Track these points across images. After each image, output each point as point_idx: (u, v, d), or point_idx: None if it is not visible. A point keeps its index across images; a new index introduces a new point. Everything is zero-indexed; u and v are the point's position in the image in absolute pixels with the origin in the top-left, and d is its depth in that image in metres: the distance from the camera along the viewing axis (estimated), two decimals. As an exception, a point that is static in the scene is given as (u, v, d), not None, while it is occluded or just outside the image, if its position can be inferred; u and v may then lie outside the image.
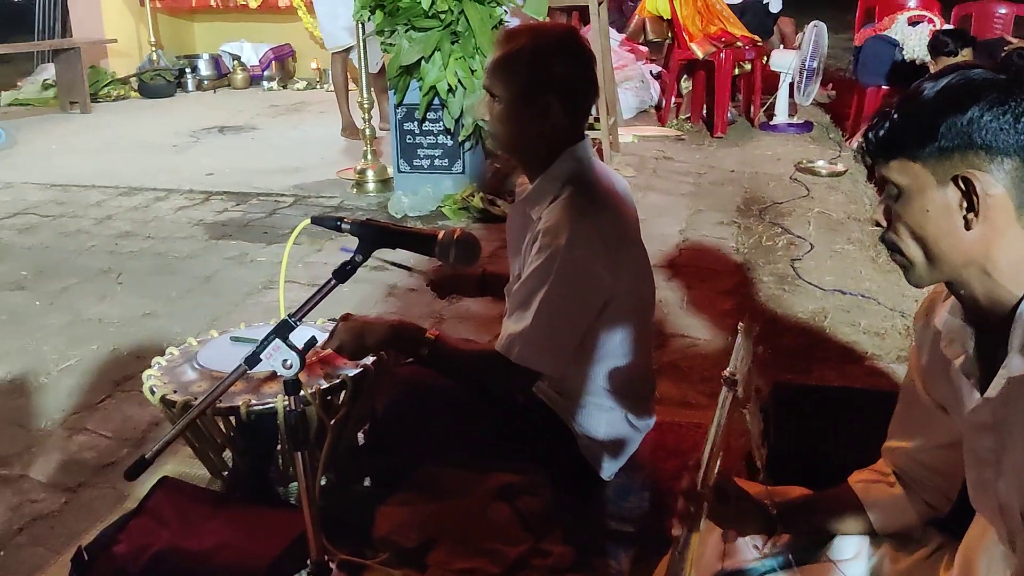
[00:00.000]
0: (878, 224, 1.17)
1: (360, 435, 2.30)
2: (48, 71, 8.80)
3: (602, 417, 2.03)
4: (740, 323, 1.27)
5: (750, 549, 1.45)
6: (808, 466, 1.83)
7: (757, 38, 6.86)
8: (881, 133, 1.12)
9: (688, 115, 7.18)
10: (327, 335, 1.94)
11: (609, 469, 2.10)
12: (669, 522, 1.28)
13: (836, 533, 1.44)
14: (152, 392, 2.06)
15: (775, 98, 6.88)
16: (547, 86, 1.85)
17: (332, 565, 1.70)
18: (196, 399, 1.96)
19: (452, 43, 4.52)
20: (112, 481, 2.36)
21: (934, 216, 1.09)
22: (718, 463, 1.26)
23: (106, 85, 8.98)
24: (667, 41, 7.43)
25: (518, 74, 1.85)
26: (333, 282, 1.63)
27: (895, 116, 1.11)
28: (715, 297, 3.55)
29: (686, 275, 3.80)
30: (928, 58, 5.18)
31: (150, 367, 2.19)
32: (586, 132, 1.99)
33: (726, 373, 1.24)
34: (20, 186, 5.57)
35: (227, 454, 2.21)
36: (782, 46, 7.40)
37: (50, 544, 2.11)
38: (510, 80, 1.86)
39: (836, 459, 1.59)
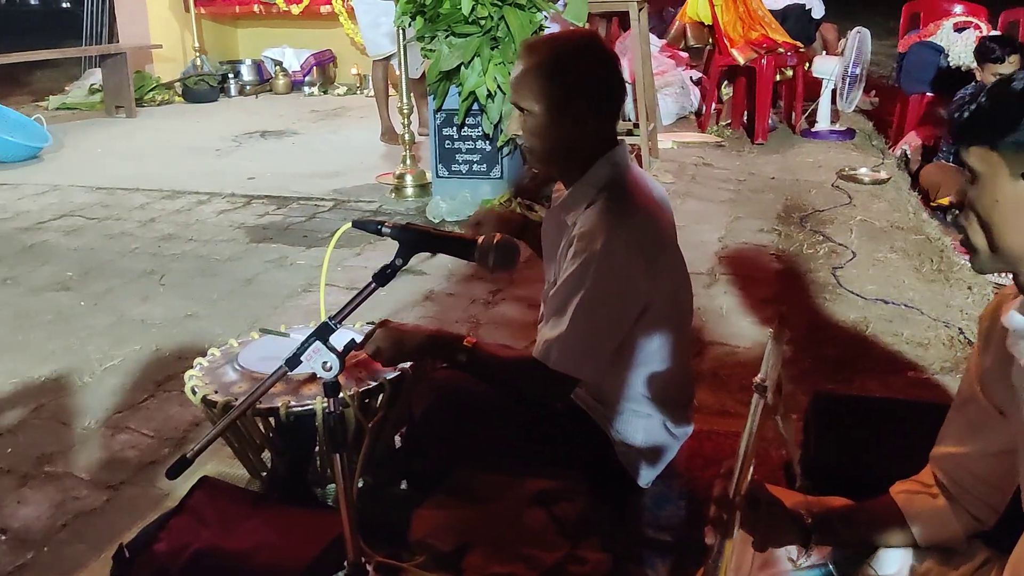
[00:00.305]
0: (952, 205, 1.17)
1: (397, 438, 2.31)
2: (95, 76, 8.97)
3: (640, 424, 2.02)
4: (770, 329, 1.26)
5: (786, 559, 1.44)
6: (849, 477, 1.81)
7: (799, 44, 6.80)
8: (967, 116, 1.11)
9: (728, 121, 7.13)
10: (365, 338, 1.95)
11: (646, 477, 2.08)
12: (704, 531, 1.26)
13: (876, 545, 1.41)
14: (194, 392, 2.09)
15: (817, 105, 6.81)
16: (574, 92, 1.85)
17: (369, 567, 1.71)
18: (236, 400, 1.98)
19: (492, 48, 4.54)
20: (153, 479, 2.40)
21: (1003, 207, 1.08)
22: (751, 471, 1.25)
23: (151, 90, 9.13)
24: (708, 47, 7.39)
25: (544, 85, 1.85)
26: (373, 286, 1.64)
27: (983, 101, 1.10)
28: (755, 305, 3.51)
29: (725, 283, 3.77)
30: (974, 65, 5.09)
31: (192, 368, 2.22)
32: (622, 137, 1.98)
33: (757, 379, 1.23)
34: (67, 188, 5.68)
35: (266, 455, 2.23)
36: (824, 52, 7.32)
37: (92, 541, 2.15)
38: (537, 92, 1.86)
39: (877, 471, 1.56)
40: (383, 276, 1.63)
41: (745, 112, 6.98)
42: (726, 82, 7.17)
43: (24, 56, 7.90)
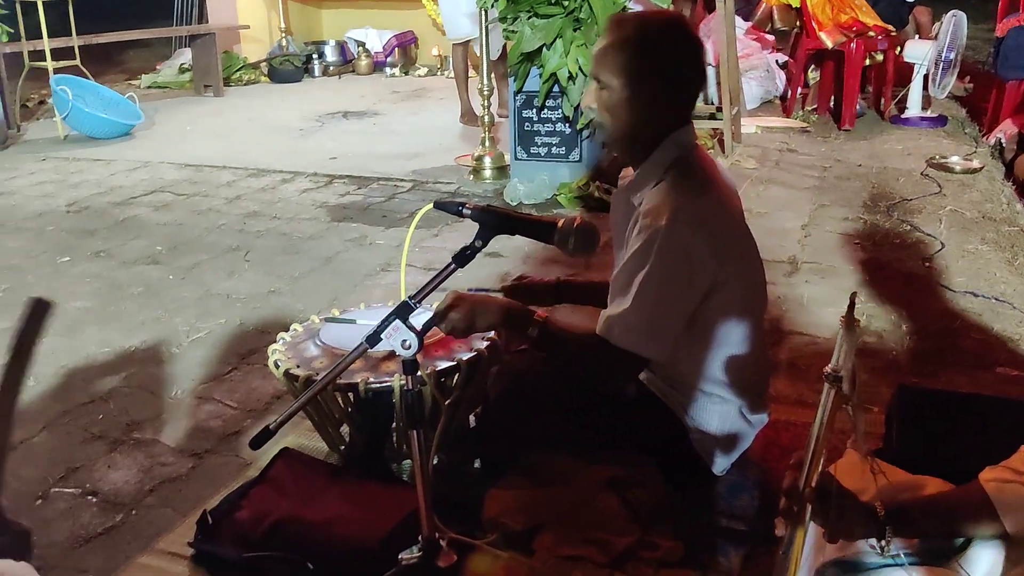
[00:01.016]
0: None
1: (471, 418, 2.33)
2: (185, 56, 9.21)
3: (715, 410, 2.00)
4: (841, 317, 1.23)
5: (866, 544, 1.40)
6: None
7: (891, 27, 6.59)
8: None
9: (815, 106, 6.96)
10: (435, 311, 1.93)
11: (721, 464, 2.07)
12: (775, 522, 1.25)
13: (960, 536, 1.37)
14: (277, 366, 2.14)
15: (908, 90, 6.60)
16: (655, 73, 1.83)
17: (442, 543, 1.74)
18: (317, 374, 2.03)
19: (574, 30, 4.51)
20: (236, 449, 2.47)
21: None
22: (821, 462, 1.23)
23: (238, 69, 9.34)
24: (795, 30, 7.23)
25: (625, 61, 1.83)
26: (453, 266, 1.66)
27: None
28: (837, 295, 3.44)
29: (807, 271, 3.70)
30: (1078, 50, 4.88)
31: (275, 342, 2.28)
32: (690, 119, 1.96)
33: (828, 369, 1.21)
34: (157, 165, 5.86)
35: (345, 429, 2.28)
36: (917, 36, 7.08)
37: (177, 506, 2.23)
38: (617, 68, 1.84)
39: (961, 467, 1.51)
40: (462, 257, 1.65)
41: (832, 97, 6.80)
42: (813, 66, 7.00)
43: (117, 36, 8.16)
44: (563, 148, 4.90)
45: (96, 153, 6.23)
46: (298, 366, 2.12)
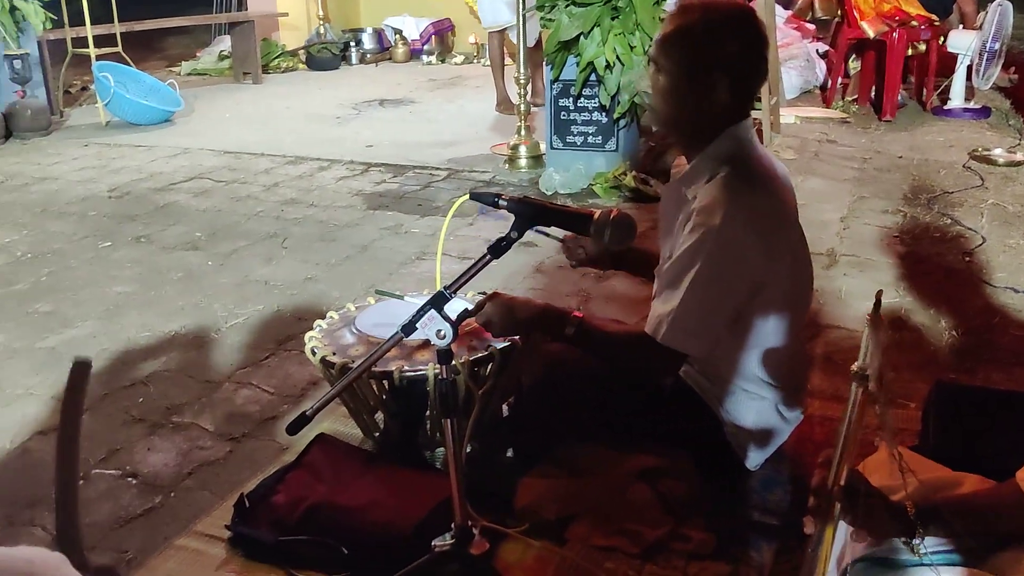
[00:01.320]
0: None
1: (504, 407, 2.34)
2: (224, 43, 9.30)
3: (751, 405, 1.99)
4: (867, 315, 1.22)
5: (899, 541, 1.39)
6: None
7: (934, 17, 6.47)
8: None
9: (855, 97, 6.87)
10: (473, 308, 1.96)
11: (755, 459, 2.06)
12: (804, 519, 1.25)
13: (995, 536, 1.35)
14: (313, 353, 2.17)
15: (951, 81, 6.49)
16: (716, 64, 1.81)
17: (475, 531, 1.75)
18: (353, 362, 2.05)
19: (612, 19, 4.49)
20: (273, 434, 2.50)
21: None
22: (850, 460, 1.22)
23: (276, 57, 9.41)
24: (836, 19, 7.12)
25: (688, 49, 1.81)
26: (488, 257, 1.67)
27: None
28: (875, 289, 3.38)
29: (845, 264, 3.66)
30: None
31: (311, 329, 2.31)
32: (749, 113, 1.94)
33: (855, 367, 1.20)
34: (196, 151, 5.93)
35: (379, 416, 2.30)
36: (961, 26, 6.94)
37: (215, 489, 2.26)
38: (679, 54, 1.82)
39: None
40: (498, 248, 1.66)
41: (873, 87, 6.71)
42: (854, 56, 6.90)
43: (158, 23, 8.26)
44: (599, 137, 4.89)
45: (137, 139, 6.32)
46: (334, 353, 2.14)
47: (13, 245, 4.12)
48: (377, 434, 2.32)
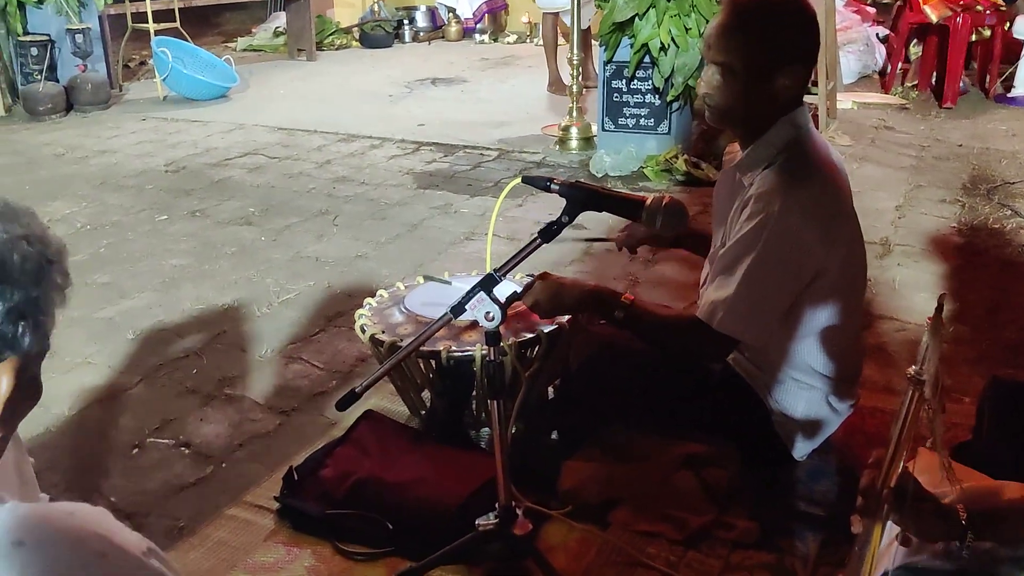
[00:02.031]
0: None
1: (550, 390, 2.35)
2: (280, 19, 9.36)
3: (801, 395, 1.98)
4: (927, 318, 1.19)
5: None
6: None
7: (1000, 2, 6.30)
8: None
9: (915, 83, 6.72)
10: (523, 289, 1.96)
11: (802, 449, 2.05)
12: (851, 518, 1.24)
13: None
14: (363, 331, 2.19)
15: (1015, 68, 6.31)
16: (774, 53, 1.80)
17: (518, 511, 1.77)
18: (402, 341, 2.07)
19: (668, 0, 4.44)
20: (321, 409, 2.54)
21: None
22: (901, 463, 1.21)
23: (331, 34, 9.46)
24: (897, 2, 6.96)
25: (744, 37, 1.80)
26: (539, 241, 1.67)
27: None
28: (930, 280, 3.34)
29: (900, 254, 3.60)
30: None
31: (361, 307, 2.34)
32: (804, 100, 1.92)
33: (911, 371, 1.18)
34: (251, 127, 6.00)
35: (426, 395, 2.33)
36: (1029, 10, 6.76)
37: (265, 461, 2.30)
38: (735, 43, 1.80)
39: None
40: (548, 232, 1.66)
41: (934, 73, 6.56)
42: (915, 40, 6.74)
43: (216, -1, 8.35)
44: (651, 120, 4.85)
45: (193, 114, 6.42)
46: (383, 332, 2.17)
47: (73, 217, 4.22)
48: (423, 412, 2.35)
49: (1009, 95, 6.32)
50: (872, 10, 7.26)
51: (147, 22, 6.94)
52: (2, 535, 0.76)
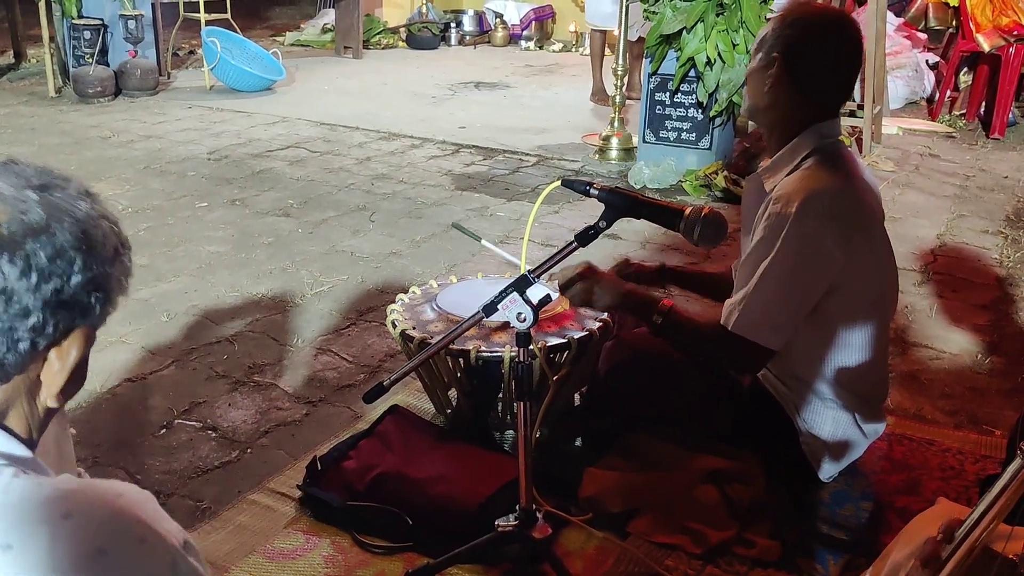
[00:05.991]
0: None
1: (576, 396, 2.35)
2: (328, 16, 9.46)
3: (829, 415, 1.96)
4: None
5: None
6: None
7: (1055, 33, 6.20)
8: None
9: (963, 111, 6.63)
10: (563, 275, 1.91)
11: (828, 471, 2.02)
12: (885, 538, 1.20)
13: None
14: (394, 326, 2.20)
15: (1068, 101, 6.22)
16: (814, 66, 1.84)
17: (539, 515, 1.76)
18: (432, 338, 2.08)
19: (717, 15, 4.42)
20: (348, 401, 2.56)
21: None
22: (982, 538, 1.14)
23: (378, 33, 9.53)
24: (949, 29, 6.89)
25: (788, 50, 1.85)
26: (575, 245, 1.67)
27: None
28: (968, 310, 3.29)
29: (938, 283, 3.55)
30: None
31: (393, 303, 2.35)
32: (838, 113, 1.95)
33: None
34: (294, 121, 6.06)
35: (452, 393, 2.33)
36: (1085, 44, 6.65)
37: (289, 449, 2.32)
38: (771, 49, 1.87)
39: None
40: (585, 237, 1.66)
41: (983, 103, 6.46)
42: (965, 69, 6.66)
43: (268, -7, 8.45)
44: (693, 134, 4.83)
45: (238, 105, 6.49)
46: (414, 328, 2.18)
47: (116, 198, 4.29)
48: (449, 411, 2.35)
49: (1059, 129, 6.22)
50: (923, 36, 7.17)
51: (199, 11, 7.03)
52: (51, 507, 0.77)
